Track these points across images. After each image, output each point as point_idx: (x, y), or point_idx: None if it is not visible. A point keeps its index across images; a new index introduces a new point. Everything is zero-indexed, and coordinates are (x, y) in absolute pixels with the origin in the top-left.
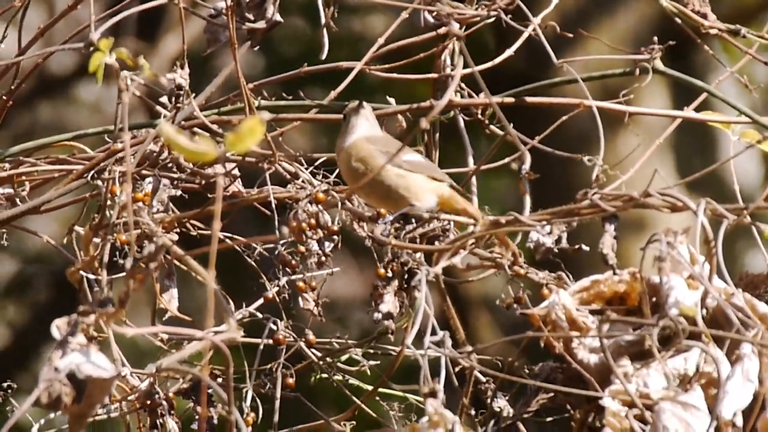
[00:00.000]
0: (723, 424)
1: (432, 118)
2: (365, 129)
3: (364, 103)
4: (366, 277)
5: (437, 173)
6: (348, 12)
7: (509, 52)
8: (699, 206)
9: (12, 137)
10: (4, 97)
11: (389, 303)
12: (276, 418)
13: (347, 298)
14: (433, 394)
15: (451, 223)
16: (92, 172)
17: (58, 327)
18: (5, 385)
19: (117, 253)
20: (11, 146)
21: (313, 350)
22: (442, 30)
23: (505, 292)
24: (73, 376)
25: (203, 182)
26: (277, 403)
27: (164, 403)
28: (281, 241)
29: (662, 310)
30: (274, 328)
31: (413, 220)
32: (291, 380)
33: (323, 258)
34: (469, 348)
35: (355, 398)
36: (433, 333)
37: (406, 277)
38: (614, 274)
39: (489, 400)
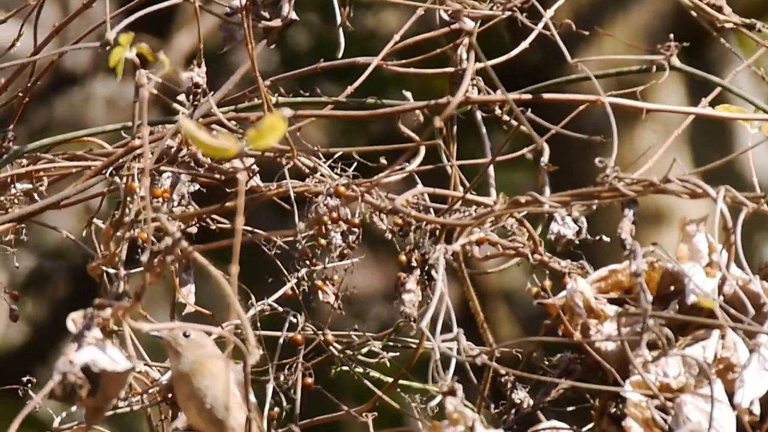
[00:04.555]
0: (740, 412)
1: (445, 117)
2: None
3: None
4: (384, 271)
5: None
6: (361, 8)
7: (523, 45)
8: (719, 193)
9: (29, 134)
10: (20, 94)
11: (412, 292)
12: (297, 411)
13: (366, 292)
14: (452, 392)
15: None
16: (111, 168)
17: (73, 321)
18: (24, 379)
19: (138, 250)
20: (28, 142)
21: (334, 345)
22: (456, 26)
23: (528, 283)
24: (88, 369)
25: (222, 177)
26: (298, 398)
27: None
28: (301, 236)
29: (680, 298)
30: (294, 321)
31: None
32: (309, 380)
33: (346, 250)
34: (488, 348)
35: (376, 390)
36: (451, 327)
37: (426, 268)
38: (632, 257)
39: (508, 392)
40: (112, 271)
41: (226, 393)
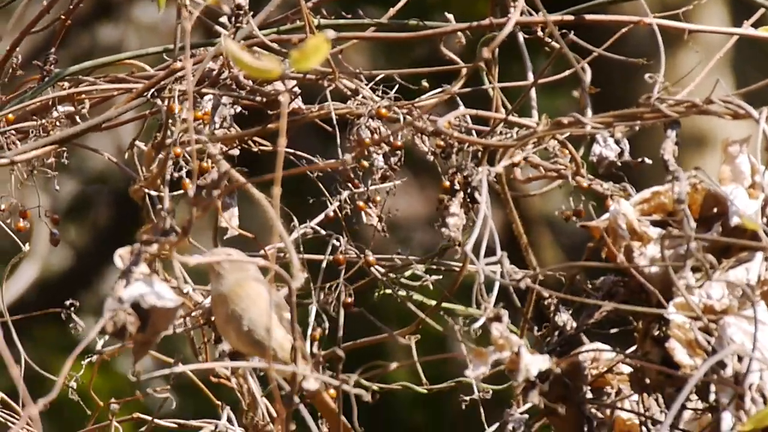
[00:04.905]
0: None
1: (494, 47)
2: None
3: None
4: (428, 197)
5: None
6: None
7: None
8: (761, 114)
9: (72, 59)
10: (63, 17)
11: (456, 215)
12: (340, 333)
13: (409, 218)
14: (497, 318)
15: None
16: (152, 91)
17: (120, 257)
18: (68, 303)
19: (180, 171)
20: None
21: (377, 267)
22: None
23: (567, 206)
24: (137, 305)
25: (264, 100)
26: (341, 320)
27: None
28: (344, 166)
29: (724, 220)
30: (337, 244)
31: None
32: (350, 299)
33: (389, 172)
34: (531, 271)
35: (419, 312)
36: (495, 251)
37: (469, 190)
38: (675, 179)
39: (552, 315)
40: (154, 193)
41: (266, 315)
